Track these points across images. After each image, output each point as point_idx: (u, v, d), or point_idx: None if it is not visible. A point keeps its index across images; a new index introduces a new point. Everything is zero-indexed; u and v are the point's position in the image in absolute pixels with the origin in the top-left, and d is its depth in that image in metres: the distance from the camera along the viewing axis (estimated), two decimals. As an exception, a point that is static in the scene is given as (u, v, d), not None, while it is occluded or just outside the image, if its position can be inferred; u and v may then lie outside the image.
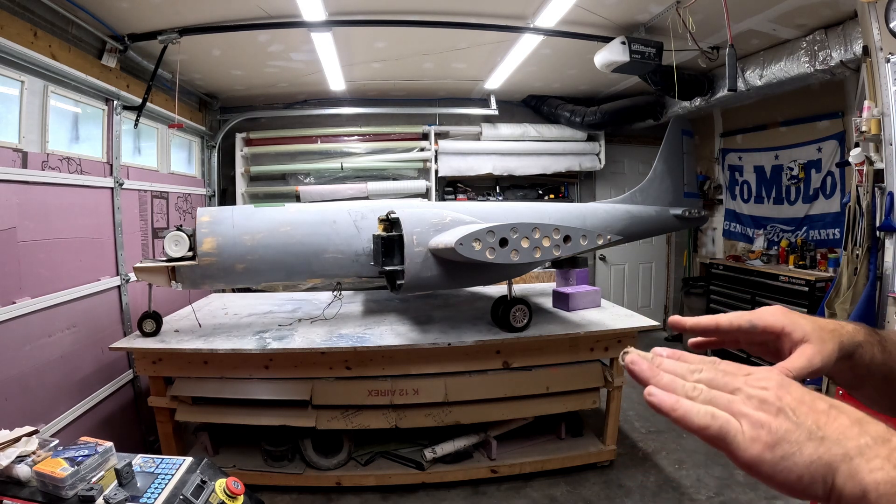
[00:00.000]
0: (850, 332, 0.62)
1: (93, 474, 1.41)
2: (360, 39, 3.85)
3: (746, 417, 0.40)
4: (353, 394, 2.97)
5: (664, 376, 0.45)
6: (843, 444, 0.38)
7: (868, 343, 0.63)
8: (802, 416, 0.40)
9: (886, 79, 2.81)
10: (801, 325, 0.59)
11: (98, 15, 3.08)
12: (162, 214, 4.27)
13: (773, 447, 0.39)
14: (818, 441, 0.38)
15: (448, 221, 2.71)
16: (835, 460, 0.38)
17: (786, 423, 0.39)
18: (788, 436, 0.39)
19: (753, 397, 0.41)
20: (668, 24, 3.36)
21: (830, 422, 0.39)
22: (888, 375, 0.66)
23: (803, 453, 0.38)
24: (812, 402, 0.41)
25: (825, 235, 4.65)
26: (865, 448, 0.37)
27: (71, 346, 2.99)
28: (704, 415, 0.41)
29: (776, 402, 0.41)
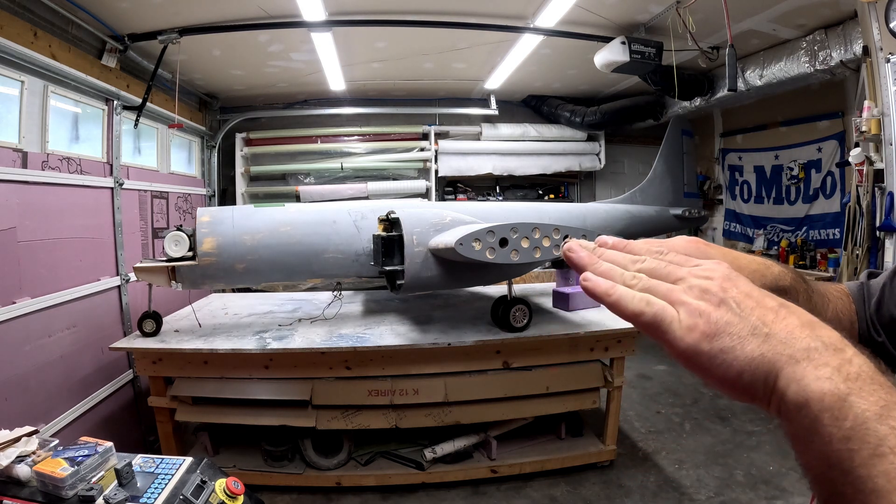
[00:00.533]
0: (776, 274, 0.57)
1: (93, 474, 1.41)
2: (360, 39, 3.85)
3: (685, 305, 0.37)
4: (353, 394, 2.97)
5: (603, 264, 0.42)
6: (791, 344, 0.35)
7: (794, 290, 0.59)
8: (748, 310, 0.36)
9: (886, 79, 2.81)
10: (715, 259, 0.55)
11: (98, 15, 3.08)
12: (162, 214, 4.26)
13: (711, 338, 0.36)
14: (762, 337, 0.35)
15: (448, 221, 2.71)
16: (779, 360, 0.34)
17: (727, 315, 0.36)
18: (729, 328, 0.35)
19: (695, 287, 0.38)
20: (668, 24, 3.37)
21: (779, 320, 0.36)
22: None
23: (745, 348, 0.35)
24: (760, 298, 0.38)
25: (825, 235, 4.66)
26: (815, 353, 0.34)
27: (71, 346, 2.99)
28: (639, 301, 0.38)
29: (720, 292, 0.37)
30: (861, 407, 0.31)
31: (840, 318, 0.67)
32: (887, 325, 0.67)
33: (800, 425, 0.33)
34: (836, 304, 0.67)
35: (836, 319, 0.66)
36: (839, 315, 0.67)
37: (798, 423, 0.33)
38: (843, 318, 0.67)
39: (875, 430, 0.31)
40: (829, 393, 0.32)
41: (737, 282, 0.39)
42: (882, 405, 0.31)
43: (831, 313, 0.66)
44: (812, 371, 0.33)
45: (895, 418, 0.31)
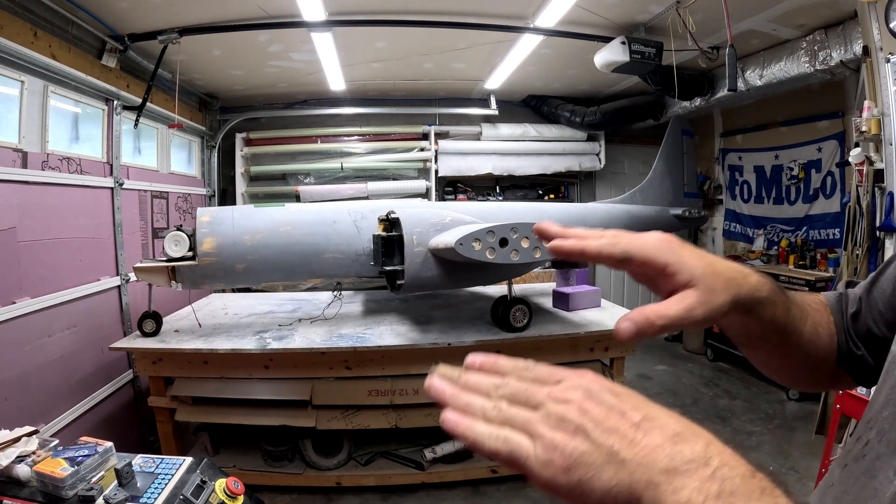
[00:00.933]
0: (753, 285, 0.54)
1: (93, 474, 1.41)
2: (360, 39, 3.85)
3: (541, 439, 0.36)
4: (353, 394, 2.97)
5: (462, 398, 0.41)
6: (650, 466, 0.34)
7: (771, 301, 0.56)
8: (605, 433, 0.35)
9: (886, 79, 2.81)
10: (690, 266, 0.50)
11: (98, 15, 3.08)
12: (162, 214, 4.26)
13: (568, 471, 0.35)
14: (618, 464, 0.34)
15: (448, 221, 2.71)
16: (637, 487, 0.33)
17: (582, 445, 0.35)
18: (585, 458, 0.35)
19: (552, 414, 0.37)
20: (668, 24, 3.37)
21: (638, 440, 0.35)
22: (785, 340, 0.61)
23: (601, 478, 0.34)
24: (621, 415, 0.36)
25: (825, 235, 4.65)
26: (674, 474, 0.33)
27: (71, 346, 2.99)
28: (495, 440, 0.38)
29: (576, 418, 0.36)
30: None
31: (819, 331, 0.65)
32: (865, 337, 0.65)
33: None
34: (815, 316, 0.66)
35: (815, 333, 0.65)
36: (818, 328, 0.65)
37: None
38: (822, 331, 0.66)
39: None
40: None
41: (598, 398, 0.38)
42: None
43: (809, 326, 0.64)
44: (670, 496, 0.33)
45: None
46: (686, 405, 4.28)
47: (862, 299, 0.67)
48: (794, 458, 3.33)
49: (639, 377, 4.93)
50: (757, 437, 3.67)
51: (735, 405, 4.23)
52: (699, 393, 4.52)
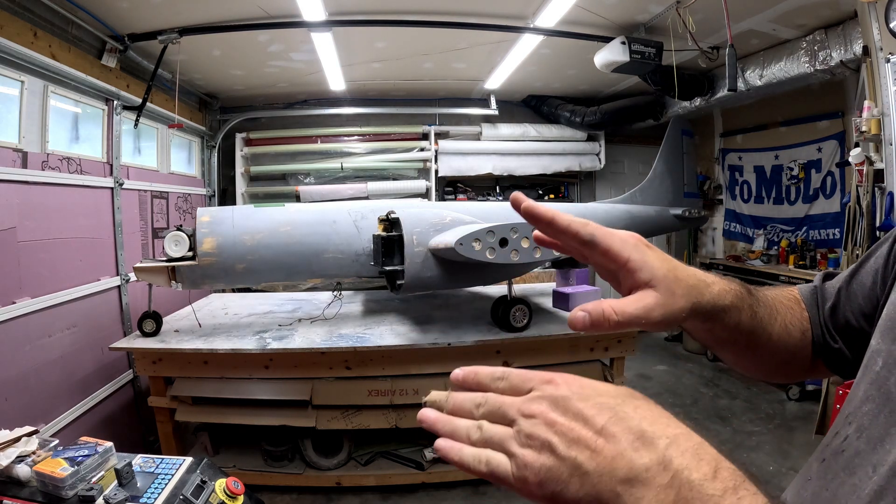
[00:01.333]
0: (716, 293, 0.55)
1: (93, 474, 1.41)
2: (360, 39, 3.85)
3: (514, 458, 0.39)
4: (353, 394, 2.97)
5: (449, 426, 0.44)
6: (610, 477, 0.35)
7: (736, 308, 0.57)
8: (569, 446, 0.37)
9: (886, 79, 2.81)
10: (652, 266, 0.50)
11: (98, 15, 3.08)
12: (162, 214, 4.26)
13: (540, 486, 0.37)
14: (582, 476, 0.36)
15: (448, 221, 2.71)
16: (602, 495, 0.35)
17: (549, 460, 0.37)
18: (551, 474, 0.37)
19: (522, 431, 0.39)
20: (668, 24, 3.37)
21: (600, 448, 0.36)
22: (753, 342, 0.62)
23: (569, 490, 0.36)
24: (585, 423, 0.38)
25: (825, 235, 4.65)
26: (634, 483, 0.35)
27: (71, 346, 2.99)
28: (478, 463, 0.41)
29: (543, 434, 0.38)
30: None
31: (789, 329, 0.66)
32: (843, 329, 0.65)
33: None
34: (786, 315, 0.66)
35: (785, 331, 0.65)
36: (788, 326, 0.66)
37: None
38: (793, 328, 0.66)
39: None
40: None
41: (564, 406, 0.39)
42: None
43: (779, 325, 0.65)
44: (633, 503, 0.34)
45: None
46: (686, 405, 4.28)
47: (841, 291, 0.67)
48: (794, 458, 3.33)
49: (639, 377, 4.93)
50: (757, 437, 3.67)
51: (735, 405, 4.23)
52: (699, 393, 4.52)
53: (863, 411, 0.48)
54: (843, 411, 0.52)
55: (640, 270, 0.50)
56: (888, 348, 0.49)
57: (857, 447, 0.46)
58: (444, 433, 0.45)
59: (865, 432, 0.46)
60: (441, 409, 0.46)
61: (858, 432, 0.47)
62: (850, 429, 0.48)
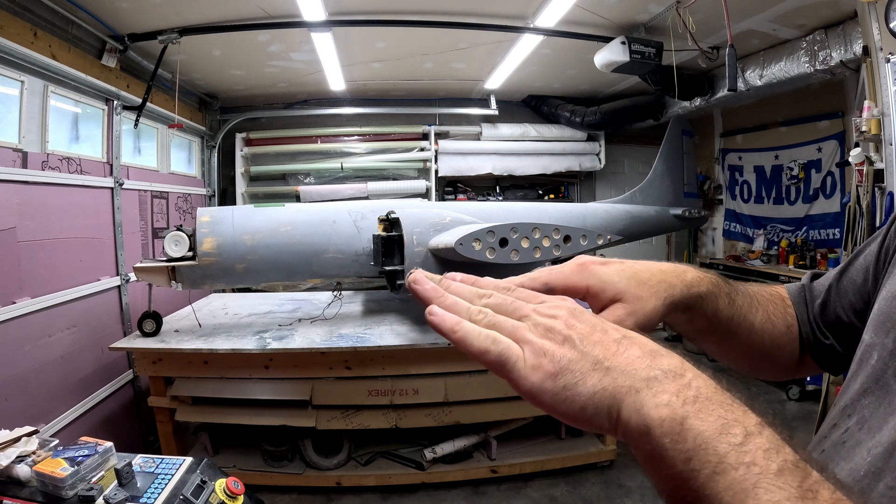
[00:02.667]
0: (688, 281, 0.56)
1: (93, 474, 1.41)
2: (360, 39, 3.85)
3: (530, 344, 0.37)
4: (353, 394, 2.97)
5: (448, 297, 0.42)
6: (631, 375, 0.35)
7: (713, 295, 0.58)
8: (590, 345, 0.37)
9: (886, 79, 2.80)
10: (612, 282, 0.52)
11: (98, 15, 3.08)
12: (162, 214, 4.26)
13: (555, 376, 0.36)
14: (603, 371, 0.36)
15: (448, 221, 2.71)
16: (620, 392, 0.35)
17: (570, 352, 0.37)
18: (572, 365, 0.36)
19: (540, 325, 0.39)
20: (668, 24, 3.36)
21: (620, 352, 0.37)
22: (733, 330, 0.63)
23: (586, 383, 0.36)
24: (604, 332, 0.38)
25: (825, 235, 4.65)
26: (654, 381, 0.35)
27: (71, 346, 2.99)
28: (485, 339, 0.38)
29: (564, 329, 0.38)
30: (699, 428, 0.33)
31: (772, 320, 0.66)
32: (833, 326, 0.66)
33: (645, 451, 0.34)
34: (768, 307, 0.67)
35: (768, 322, 0.66)
36: (771, 318, 0.66)
37: (644, 449, 0.34)
38: (776, 320, 0.67)
39: (714, 449, 0.32)
40: (667, 418, 0.33)
41: (581, 317, 0.39)
42: (721, 423, 0.33)
43: (761, 316, 0.65)
44: (651, 399, 0.34)
45: (734, 434, 0.32)
46: (686, 405, 4.28)
47: (831, 288, 0.68)
48: None
49: (639, 377, 4.94)
50: (757, 437, 3.67)
51: (735, 405, 4.23)
52: (699, 393, 4.53)
53: (862, 404, 0.48)
54: (838, 403, 0.52)
55: (602, 292, 0.52)
56: (882, 342, 0.50)
57: (858, 438, 0.46)
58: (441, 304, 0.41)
59: (866, 424, 0.47)
60: None
61: (860, 424, 0.47)
62: (851, 421, 0.48)
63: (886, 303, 0.52)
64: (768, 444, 0.32)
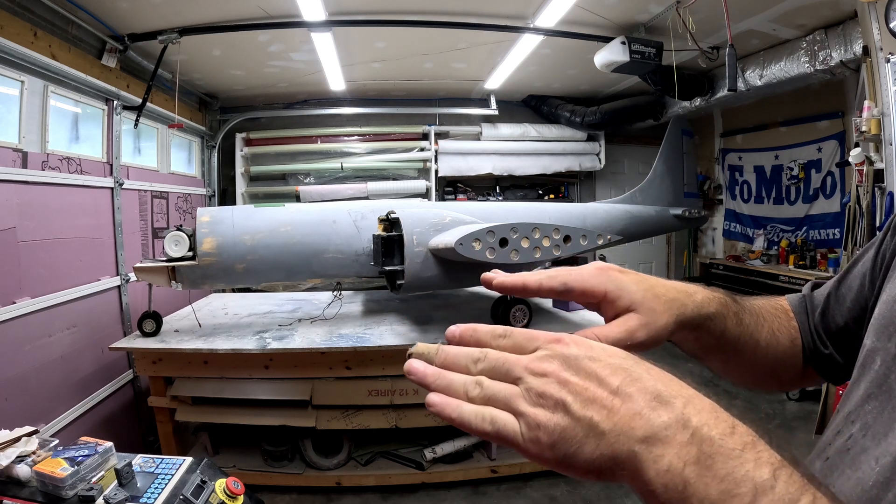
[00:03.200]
0: (699, 302, 0.56)
1: (93, 474, 1.41)
2: (360, 39, 3.85)
3: (523, 416, 0.37)
4: (353, 394, 2.97)
5: (443, 380, 0.41)
6: (629, 436, 0.34)
7: (721, 315, 0.58)
8: (584, 405, 0.36)
9: (886, 79, 2.81)
10: (630, 291, 0.52)
11: (98, 15, 3.08)
12: (162, 214, 4.26)
13: (552, 447, 0.36)
14: (598, 437, 0.35)
15: (448, 221, 2.71)
16: (619, 455, 0.34)
17: (563, 420, 0.36)
18: (566, 433, 0.35)
19: (532, 389, 0.37)
20: (668, 24, 3.36)
21: (616, 408, 0.35)
22: (740, 349, 0.62)
23: (583, 451, 0.35)
24: (600, 383, 0.37)
25: (825, 235, 4.65)
26: (654, 442, 0.34)
27: (71, 346, 2.99)
28: (482, 421, 0.38)
29: (555, 392, 0.37)
30: (702, 494, 0.32)
31: (777, 336, 0.67)
32: (834, 334, 0.66)
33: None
34: (773, 322, 0.67)
35: (773, 338, 0.66)
36: (776, 333, 0.66)
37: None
38: (781, 336, 0.67)
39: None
40: (669, 485, 0.33)
41: (576, 366, 0.38)
42: (725, 487, 0.32)
43: (766, 332, 0.65)
44: (651, 465, 0.34)
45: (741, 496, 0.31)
46: (686, 405, 4.28)
47: (830, 297, 0.68)
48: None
49: (639, 377, 4.93)
50: (757, 437, 3.67)
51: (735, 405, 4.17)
52: (699, 393, 4.52)
53: (866, 409, 0.48)
54: (842, 410, 0.52)
55: (619, 299, 0.52)
56: (885, 346, 0.50)
57: (862, 444, 0.46)
58: (436, 388, 0.41)
59: (870, 430, 0.46)
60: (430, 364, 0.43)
61: (863, 430, 0.47)
62: (855, 427, 0.48)
63: (887, 307, 0.52)
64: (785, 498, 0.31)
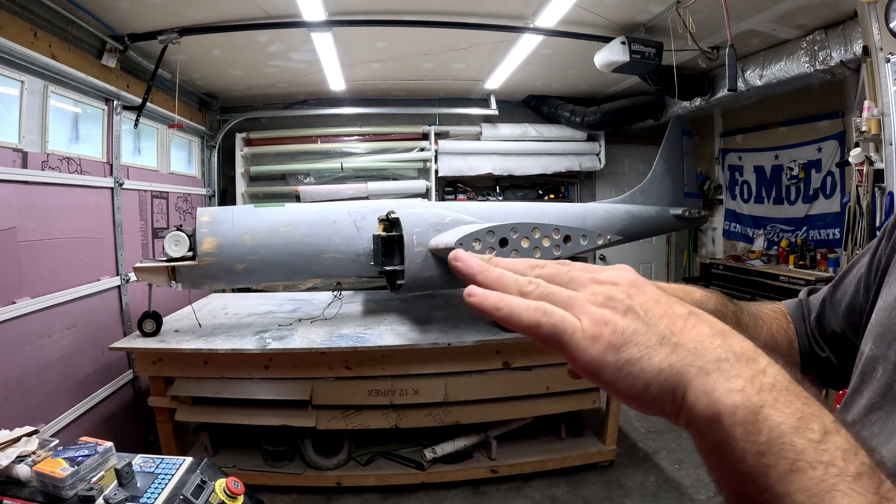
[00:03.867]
0: (697, 300, 0.55)
1: (93, 474, 1.41)
2: (360, 39, 3.85)
3: (588, 314, 0.34)
4: (353, 394, 2.97)
5: (494, 271, 0.37)
6: (701, 355, 0.32)
7: (719, 314, 0.57)
8: (655, 318, 0.34)
9: (886, 79, 2.80)
10: None
11: (98, 15, 3.08)
12: (162, 214, 4.26)
13: (617, 349, 0.33)
14: (671, 347, 0.33)
15: (448, 221, 2.71)
16: (689, 372, 0.32)
17: (634, 323, 0.33)
18: (636, 337, 0.33)
19: (599, 293, 0.35)
20: (668, 24, 3.36)
21: (688, 329, 0.34)
22: None
23: (652, 359, 0.32)
24: (669, 305, 0.35)
25: (825, 235, 4.65)
26: (726, 364, 0.32)
27: (71, 346, 2.99)
28: (535, 311, 0.34)
29: (626, 299, 0.34)
30: (776, 420, 0.30)
31: (776, 338, 0.67)
32: (829, 339, 0.67)
33: (711, 440, 0.32)
34: (772, 325, 0.67)
35: (772, 340, 0.66)
36: (774, 335, 0.67)
37: (710, 438, 0.32)
38: (780, 337, 0.67)
39: (792, 444, 0.29)
40: (741, 406, 0.30)
41: (643, 287, 0.36)
42: (799, 417, 0.30)
43: (765, 334, 0.65)
44: (723, 383, 0.31)
45: (813, 430, 0.30)
46: (686, 405, 4.28)
47: (825, 301, 0.68)
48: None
49: (639, 377, 4.93)
50: (757, 437, 3.67)
51: (735, 405, 4.23)
52: (699, 393, 4.52)
53: (871, 420, 0.48)
54: (846, 419, 0.52)
55: None
56: (884, 354, 0.49)
57: None
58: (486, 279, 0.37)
59: (876, 440, 0.46)
60: None
61: (869, 441, 0.47)
62: None
63: (885, 313, 0.52)
64: (847, 445, 0.30)
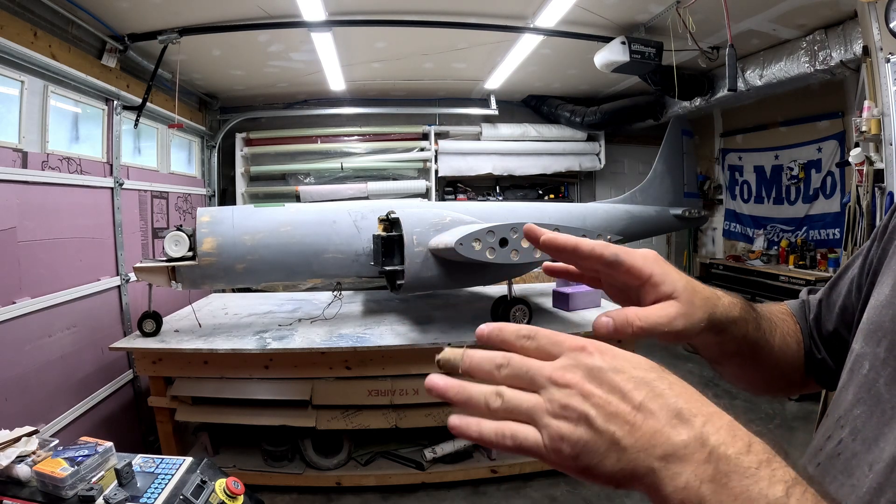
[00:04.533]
0: (727, 305, 0.57)
1: (93, 474, 1.41)
2: (360, 39, 3.85)
3: (546, 429, 0.38)
4: (353, 394, 2.97)
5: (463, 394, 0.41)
6: (648, 453, 0.35)
7: (743, 321, 0.59)
8: (607, 420, 0.37)
9: (886, 79, 2.80)
10: (674, 279, 0.52)
11: (98, 15, 3.08)
12: (162, 214, 4.26)
13: (574, 458, 0.37)
14: (620, 451, 0.36)
15: (448, 221, 2.71)
16: (638, 470, 0.35)
17: (586, 434, 0.36)
18: (588, 447, 0.36)
19: (555, 400, 0.38)
20: (668, 24, 3.36)
21: (639, 424, 0.36)
22: (756, 354, 0.64)
23: (605, 464, 0.36)
24: (623, 397, 0.37)
25: (825, 235, 4.66)
26: (672, 459, 0.35)
27: (71, 346, 2.99)
28: (502, 438, 0.39)
29: (578, 405, 0.37)
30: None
31: (788, 340, 0.68)
32: (825, 340, 0.68)
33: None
34: (783, 326, 0.68)
35: (784, 343, 0.67)
36: (786, 338, 0.68)
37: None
38: (790, 340, 0.68)
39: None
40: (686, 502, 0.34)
41: (600, 376, 0.38)
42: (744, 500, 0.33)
43: (779, 337, 0.67)
44: (669, 481, 0.35)
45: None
46: (686, 405, 4.27)
47: (822, 303, 0.70)
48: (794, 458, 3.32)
49: (639, 377, 4.93)
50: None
51: (735, 405, 4.23)
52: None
53: (854, 414, 0.49)
54: (832, 415, 0.53)
55: (662, 284, 0.52)
56: (873, 351, 0.50)
57: (853, 449, 0.47)
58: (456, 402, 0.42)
59: (860, 434, 0.47)
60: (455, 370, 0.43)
61: (853, 435, 0.48)
62: (844, 432, 0.49)
63: (875, 311, 0.53)
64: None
